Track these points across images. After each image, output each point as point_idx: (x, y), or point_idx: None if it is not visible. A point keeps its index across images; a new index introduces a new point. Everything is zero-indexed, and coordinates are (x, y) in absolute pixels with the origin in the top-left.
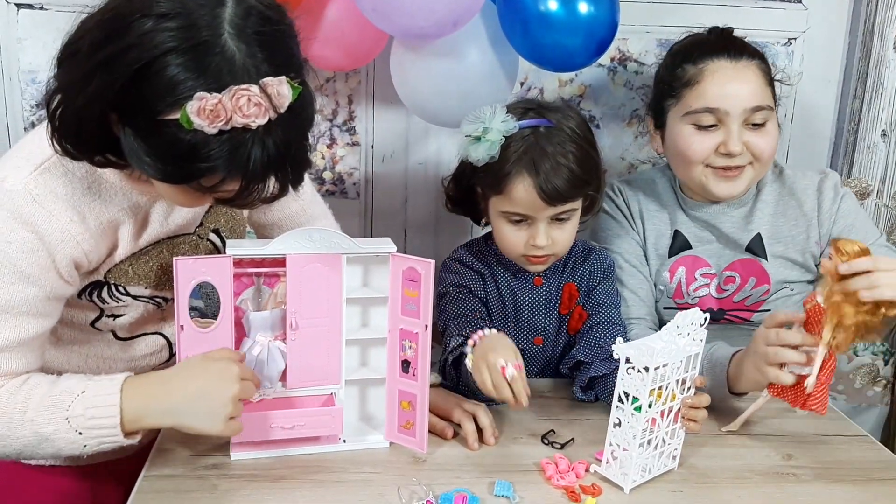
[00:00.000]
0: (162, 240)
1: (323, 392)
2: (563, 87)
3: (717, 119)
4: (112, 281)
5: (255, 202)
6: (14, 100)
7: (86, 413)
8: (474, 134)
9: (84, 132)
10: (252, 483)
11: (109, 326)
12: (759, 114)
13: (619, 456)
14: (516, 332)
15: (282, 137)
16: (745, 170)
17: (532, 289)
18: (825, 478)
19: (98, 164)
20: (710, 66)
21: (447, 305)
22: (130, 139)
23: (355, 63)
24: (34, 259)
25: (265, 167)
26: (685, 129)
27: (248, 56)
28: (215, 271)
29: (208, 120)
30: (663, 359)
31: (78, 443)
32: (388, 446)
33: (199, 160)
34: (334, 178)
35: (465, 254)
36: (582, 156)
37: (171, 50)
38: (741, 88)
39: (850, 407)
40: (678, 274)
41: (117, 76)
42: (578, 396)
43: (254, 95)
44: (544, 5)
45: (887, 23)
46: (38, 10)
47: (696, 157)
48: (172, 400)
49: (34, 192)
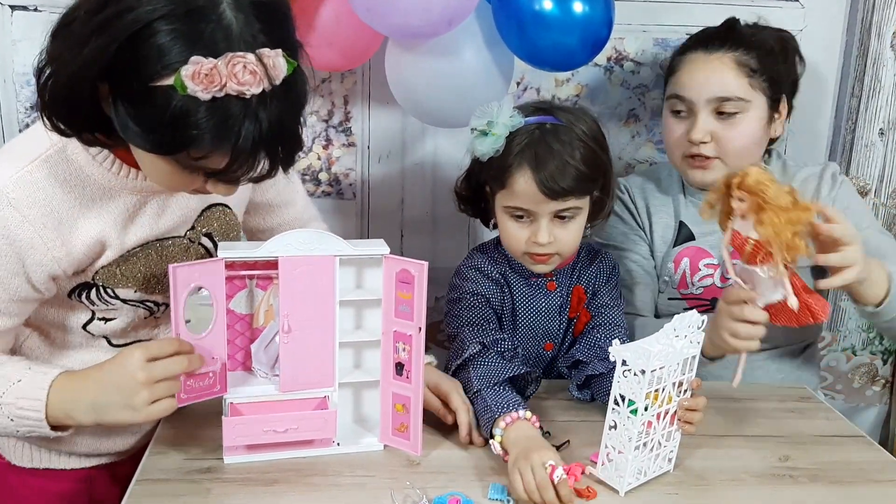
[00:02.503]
0: (151, 242)
1: (316, 395)
2: (559, 86)
3: (686, 107)
4: (100, 282)
5: (243, 179)
6: (8, 102)
7: (16, 402)
8: (480, 128)
9: (75, 105)
10: (245, 487)
11: (102, 331)
12: (729, 104)
13: (614, 458)
14: (529, 338)
15: (275, 113)
16: (713, 162)
17: (546, 294)
18: (822, 479)
19: (87, 141)
20: (688, 56)
21: (462, 311)
22: (121, 109)
23: (351, 63)
24: (1, 262)
25: (255, 142)
26: (667, 115)
27: (245, 26)
28: (208, 276)
29: (203, 85)
30: (660, 361)
31: (11, 427)
32: (382, 449)
33: (189, 127)
34: (330, 179)
35: (481, 260)
36: (588, 154)
37: (168, 15)
38: (709, 77)
39: (849, 406)
40: (682, 265)
41: (112, 40)
42: (574, 395)
43: (249, 63)
44: (539, 5)
45: (885, 21)
46: (33, 11)
47: (670, 142)
48: (90, 396)
49: (11, 195)
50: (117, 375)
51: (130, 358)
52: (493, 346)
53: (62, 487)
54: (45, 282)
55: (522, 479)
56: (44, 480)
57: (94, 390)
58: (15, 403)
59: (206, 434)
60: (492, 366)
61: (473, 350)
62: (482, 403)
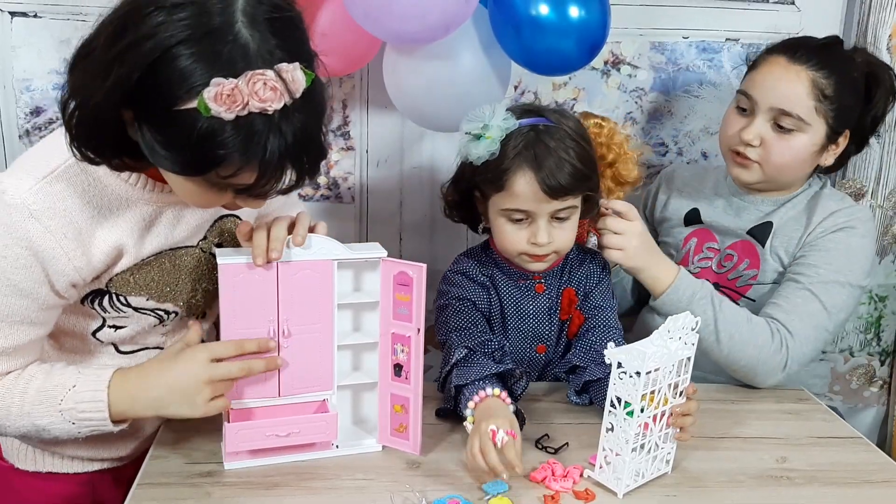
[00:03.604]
0: (165, 251)
1: (316, 398)
2: (556, 90)
3: (750, 106)
4: (113, 290)
5: (272, 193)
6: (8, 107)
7: (77, 407)
8: (475, 132)
9: (101, 134)
10: (246, 491)
11: (111, 338)
12: (787, 119)
13: (612, 461)
14: (520, 341)
15: (297, 125)
16: (755, 165)
17: (535, 297)
18: (819, 480)
19: (116, 167)
20: (772, 57)
21: (449, 317)
22: (147, 135)
23: (349, 68)
24: (28, 274)
25: (282, 155)
26: (731, 107)
27: (261, 42)
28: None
29: (225, 105)
30: (655, 363)
31: (73, 431)
32: (381, 450)
33: (216, 147)
34: (329, 183)
35: (468, 264)
36: (581, 152)
37: (186, 39)
38: (779, 86)
39: (847, 407)
40: (690, 243)
41: (133, 68)
42: (573, 400)
43: (269, 80)
44: (535, 10)
45: (880, 24)
46: (32, 17)
47: (724, 133)
48: (152, 394)
49: (32, 206)
50: (181, 374)
51: (195, 358)
52: (480, 349)
53: (65, 491)
54: (67, 289)
55: (470, 448)
56: (47, 483)
57: (156, 387)
58: (76, 408)
59: (207, 438)
60: (475, 367)
61: (459, 355)
62: (462, 399)
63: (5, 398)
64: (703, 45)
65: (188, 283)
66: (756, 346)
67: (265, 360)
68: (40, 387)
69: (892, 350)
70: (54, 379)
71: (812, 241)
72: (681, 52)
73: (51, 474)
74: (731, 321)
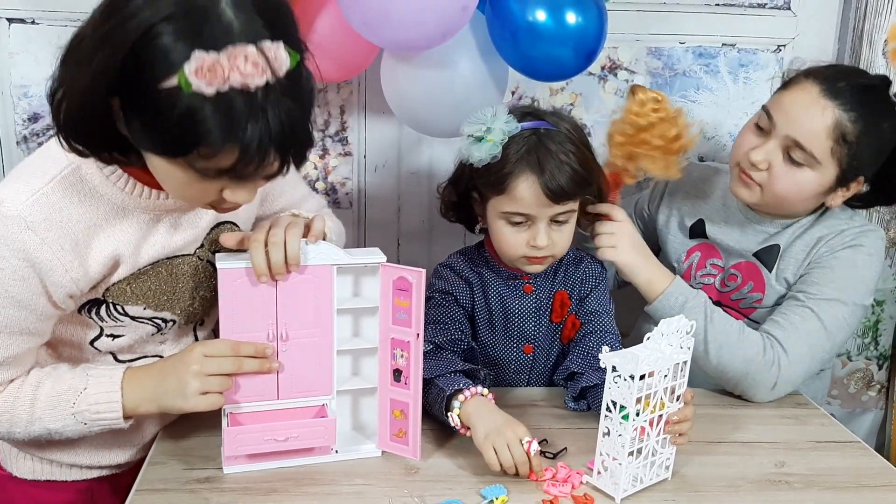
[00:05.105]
0: (162, 260)
1: (315, 403)
2: (554, 95)
3: (768, 127)
4: (110, 300)
5: (256, 177)
6: (6, 114)
7: (90, 409)
8: (476, 134)
9: (89, 123)
10: (244, 496)
11: (109, 347)
12: (799, 153)
13: (609, 466)
14: (506, 339)
15: (281, 108)
16: (756, 186)
17: (522, 296)
18: (818, 485)
19: (104, 160)
20: (805, 82)
21: (430, 310)
22: (133, 120)
23: (346, 74)
24: (25, 286)
25: (262, 136)
26: (751, 122)
27: (246, 22)
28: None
29: (206, 80)
30: (649, 367)
31: (85, 430)
32: (380, 455)
33: (197, 124)
34: (327, 189)
35: (457, 260)
36: (582, 156)
37: (169, 17)
38: (800, 115)
39: (846, 412)
40: (692, 257)
41: (117, 48)
42: (570, 406)
43: (251, 55)
44: (533, 16)
45: (876, 29)
46: (30, 24)
47: (737, 147)
48: (153, 387)
49: (28, 218)
50: (176, 364)
51: (190, 350)
52: (450, 346)
53: (63, 498)
54: (64, 300)
55: (499, 455)
56: (45, 492)
57: (156, 380)
58: (89, 410)
59: (205, 443)
60: (441, 361)
61: (427, 348)
62: (435, 389)
63: (14, 406)
64: (699, 50)
65: (185, 291)
66: (745, 359)
67: (258, 360)
68: (50, 392)
69: (890, 354)
70: (63, 383)
71: (818, 258)
72: (677, 57)
73: (49, 482)
74: (721, 331)
